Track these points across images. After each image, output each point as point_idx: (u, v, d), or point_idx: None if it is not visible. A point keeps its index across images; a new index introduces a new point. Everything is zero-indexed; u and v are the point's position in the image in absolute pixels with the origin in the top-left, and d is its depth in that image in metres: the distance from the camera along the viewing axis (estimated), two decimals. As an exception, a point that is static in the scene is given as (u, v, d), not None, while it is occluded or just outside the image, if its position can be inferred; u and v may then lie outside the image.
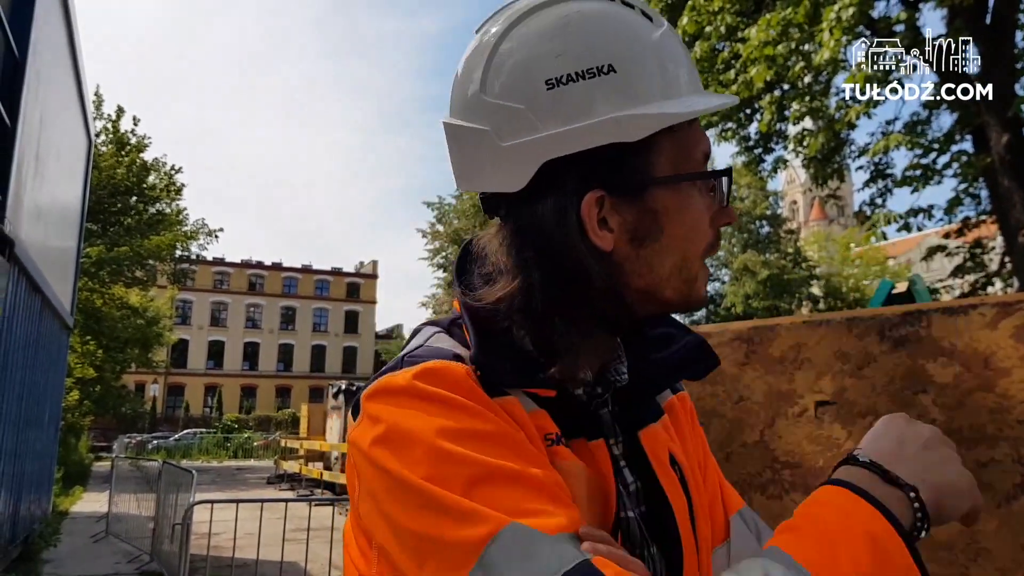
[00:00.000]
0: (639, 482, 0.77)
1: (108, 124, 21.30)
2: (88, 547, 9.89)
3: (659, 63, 0.73)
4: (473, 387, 0.68)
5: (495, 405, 0.68)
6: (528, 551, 0.57)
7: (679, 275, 0.74)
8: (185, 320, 55.15)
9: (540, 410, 0.72)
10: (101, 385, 22.94)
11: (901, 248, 50.11)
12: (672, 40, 0.75)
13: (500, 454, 0.63)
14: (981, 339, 1.71)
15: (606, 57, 0.71)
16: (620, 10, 0.74)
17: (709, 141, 0.77)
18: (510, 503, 0.60)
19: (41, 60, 6.87)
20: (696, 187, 0.74)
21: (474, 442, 0.63)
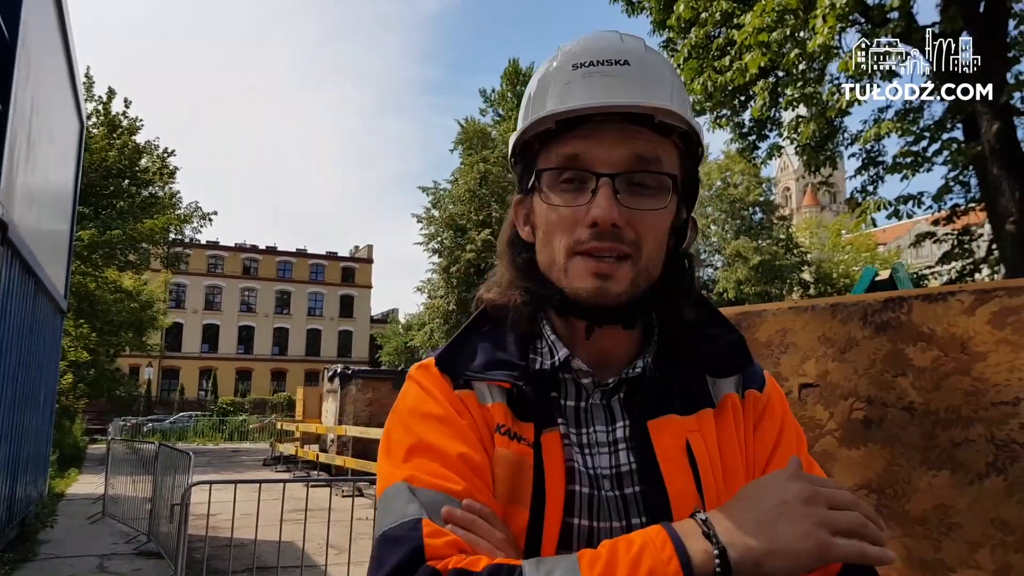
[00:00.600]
0: (636, 464, 0.85)
1: (99, 106, 21.14)
2: (85, 528, 9.94)
3: (533, 97, 0.91)
4: (440, 380, 0.90)
5: (453, 396, 0.88)
6: (392, 504, 0.80)
7: (553, 267, 0.88)
8: (179, 304, 55.05)
9: (498, 403, 0.88)
10: (95, 368, 22.91)
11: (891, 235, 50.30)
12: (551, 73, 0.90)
13: (434, 430, 0.84)
14: (959, 324, 1.77)
15: (531, 86, 0.93)
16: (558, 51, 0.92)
17: (575, 144, 0.86)
18: (416, 467, 0.82)
19: (32, 42, 6.84)
20: (555, 189, 0.87)
21: (422, 420, 0.86)
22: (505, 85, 45.89)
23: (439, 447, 0.82)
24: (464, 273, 33.35)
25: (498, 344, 0.92)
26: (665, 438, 0.85)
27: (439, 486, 0.80)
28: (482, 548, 0.75)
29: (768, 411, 0.93)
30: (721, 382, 0.92)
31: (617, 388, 0.90)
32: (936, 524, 1.68)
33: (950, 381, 1.76)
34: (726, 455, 0.87)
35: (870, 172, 11.84)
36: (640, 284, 0.86)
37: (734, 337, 0.93)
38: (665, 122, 0.86)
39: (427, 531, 0.75)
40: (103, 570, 7.54)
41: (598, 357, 0.91)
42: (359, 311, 62.52)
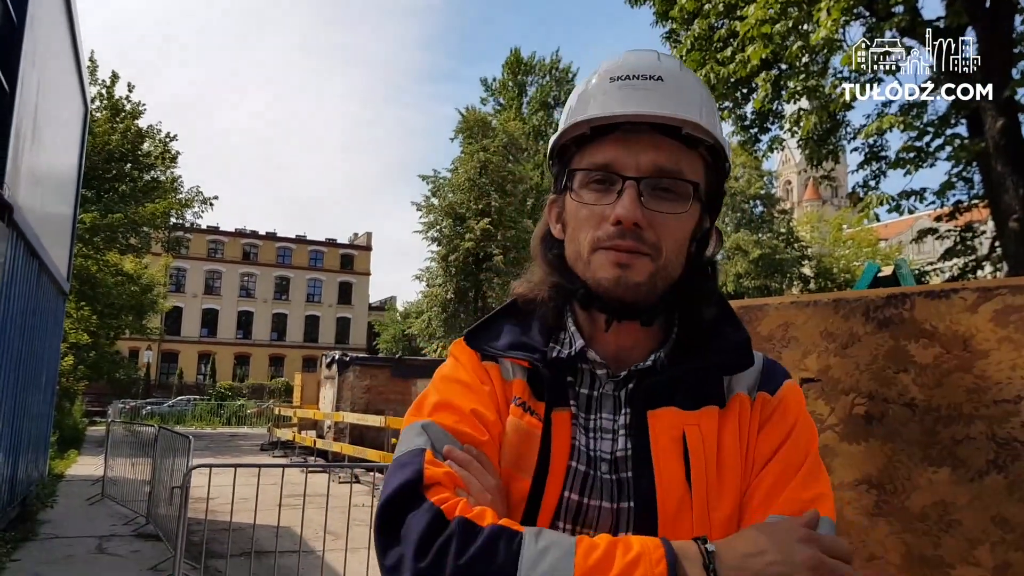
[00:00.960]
0: (632, 450, 0.91)
1: (103, 90, 21.09)
2: (84, 509, 9.99)
3: (573, 107, 0.98)
4: (470, 353, 1.02)
5: (479, 366, 0.99)
6: (405, 437, 0.92)
7: (579, 260, 0.95)
8: (179, 288, 55.09)
9: (519, 380, 0.97)
10: (95, 351, 22.97)
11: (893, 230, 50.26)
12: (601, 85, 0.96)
13: (457, 392, 0.96)
14: (962, 322, 1.79)
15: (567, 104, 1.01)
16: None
17: (610, 152, 0.93)
18: (436, 416, 0.92)
19: (39, 26, 6.82)
20: (586, 189, 0.94)
21: (450, 383, 0.98)
22: (507, 74, 45.80)
23: (457, 404, 0.94)
24: (463, 262, 33.34)
25: (523, 330, 1.01)
26: (662, 428, 0.90)
27: (449, 427, 0.90)
28: (473, 486, 0.85)
29: (777, 415, 0.94)
30: (735, 382, 0.96)
31: (628, 380, 0.95)
32: (936, 520, 1.70)
33: (952, 378, 1.78)
34: (724, 452, 0.91)
35: (873, 167, 11.83)
36: (658, 282, 0.92)
37: (740, 337, 0.97)
38: (692, 135, 0.92)
39: (427, 459, 0.86)
40: (102, 551, 7.59)
41: (615, 351, 0.97)
42: (357, 298, 62.57)
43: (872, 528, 1.78)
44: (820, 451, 1.96)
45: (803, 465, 0.91)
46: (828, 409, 1.94)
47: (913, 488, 1.75)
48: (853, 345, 1.93)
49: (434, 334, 34.51)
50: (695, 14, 11.86)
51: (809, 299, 2.02)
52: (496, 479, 0.88)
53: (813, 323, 1.99)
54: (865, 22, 10.41)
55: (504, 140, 34.65)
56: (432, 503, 0.80)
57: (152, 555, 7.30)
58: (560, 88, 45.16)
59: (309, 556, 6.50)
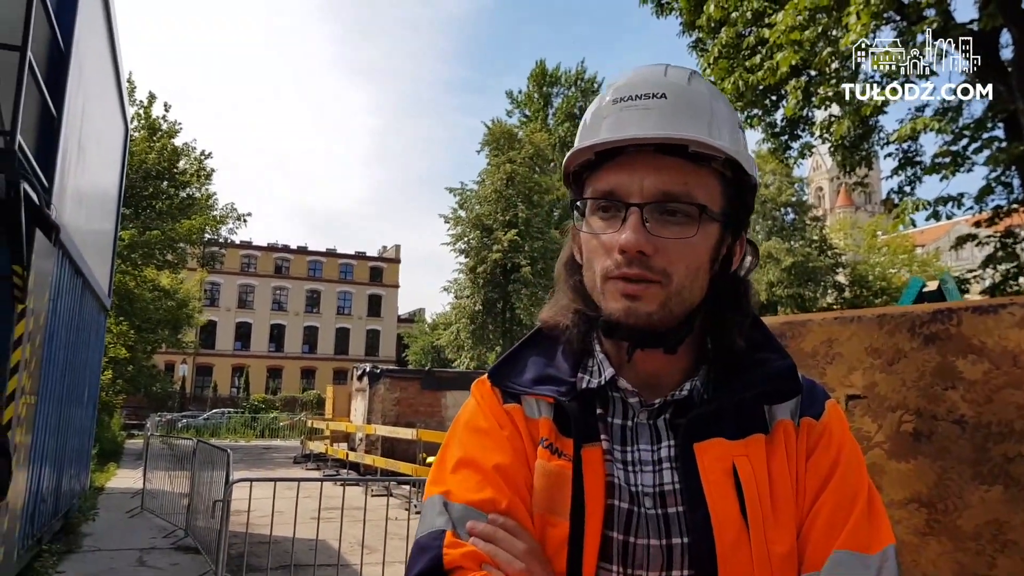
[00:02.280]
0: (681, 484, 0.87)
1: (140, 110, 21.61)
2: (124, 522, 10.17)
3: (581, 132, 0.95)
4: (490, 395, 0.98)
5: (500, 410, 0.96)
6: (427, 514, 0.89)
7: (595, 289, 0.92)
8: (214, 302, 55.97)
9: (545, 419, 0.93)
10: (133, 365, 23.40)
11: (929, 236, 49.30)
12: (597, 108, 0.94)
13: (477, 444, 0.92)
14: (1011, 337, 1.76)
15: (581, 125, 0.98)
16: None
17: (615, 179, 0.89)
18: (454, 481, 0.90)
19: (84, 51, 7.03)
20: (594, 217, 0.92)
21: (470, 433, 0.94)
22: (532, 86, 45.98)
23: (478, 461, 0.90)
24: (490, 273, 33.43)
25: (548, 361, 0.98)
26: (710, 460, 0.87)
27: (471, 500, 0.87)
28: (500, 559, 0.82)
29: (824, 440, 0.91)
30: (777, 409, 0.92)
31: (663, 409, 0.91)
32: (990, 540, 1.67)
33: (1002, 395, 1.75)
34: (775, 482, 0.87)
35: (907, 172, 11.62)
36: (672, 308, 0.88)
37: (784, 364, 0.93)
38: (700, 152, 0.88)
39: (447, 542, 0.84)
40: (143, 564, 7.72)
41: (645, 379, 0.93)
42: (387, 310, 63.02)
43: (923, 547, 1.76)
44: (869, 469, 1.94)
45: (859, 492, 0.87)
46: (875, 426, 1.92)
47: (965, 507, 1.73)
48: (899, 361, 1.91)
49: (463, 346, 34.59)
50: (722, 23, 11.81)
51: (853, 315, 2.01)
52: (527, 542, 0.85)
53: (858, 339, 1.98)
54: (896, 26, 10.29)
55: (530, 151, 34.76)
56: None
57: (191, 568, 7.40)
58: (586, 99, 45.16)
59: (345, 570, 6.55)
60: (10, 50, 4.81)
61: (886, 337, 1.95)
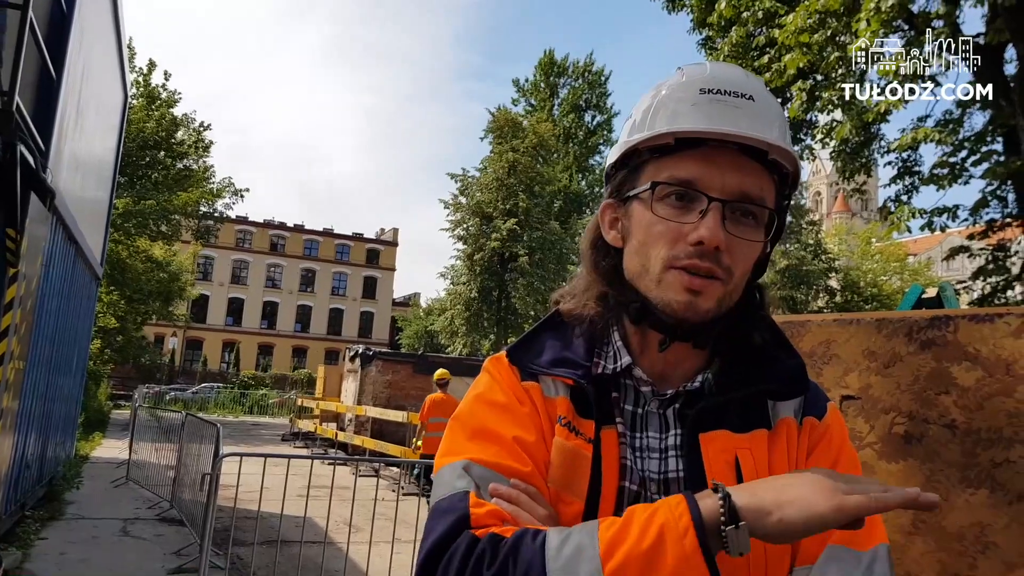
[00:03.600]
0: (685, 472, 0.89)
1: (139, 78, 21.43)
2: (109, 491, 10.17)
3: (652, 109, 0.94)
4: (508, 372, 0.98)
5: (519, 387, 0.95)
6: (445, 479, 0.87)
7: (646, 274, 0.91)
8: (206, 276, 55.79)
9: (562, 398, 0.94)
10: (123, 335, 23.33)
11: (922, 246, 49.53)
12: (679, 91, 0.94)
13: (495, 417, 0.92)
14: (1005, 346, 1.78)
15: (633, 113, 0.99)
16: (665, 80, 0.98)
17: (696, 170, 0.89)
18: (473, 450, 0.88)
19: (86, 12, 6.97)
20: (663, 203, 0.90)
21: (488, 407, 0.94)
22: (539, 75, 45.78)
23: (497, 431, 0.90)
24: (488, 261, 33.40)
25: (565, 344, 0.98)
26: (715, 451, 0.89)
27: (491, 463, 0.87)
28: (523, 520, 0.82)
29: (825, 441, 0.94)
30: (781, 406, 0.94)
31: (674, 399, 0.93)
32: (973, 542, 1.70)
33: (993, 402, 1.78)
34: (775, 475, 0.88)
35: (905, 181, 11.69)
36: (723, 306, 0.90)
37: (795, 363, 0.95)
38: (776, 160, 0.90)
39: (473, 502, 0.82)
40: (126, 533, 7.73)
41: (662, 369, 0.95)
42: (381, 293, 62.96)
43: (908, 546, 1.79)
44: (858, 469, 1.96)
45: None
46: (867, 427, 1.94)
47: (951, 508, 1.76)
48: (895, 365, 1.93)
49: (457, 332, 34.59)
50: (732, 22, 11.81)
51: (852, 317, 2.03)
52: (547, 510, 0.86)
53: (855, 341, 2.00)
54: (904, 35, 10.30)
55: (534, 141, 34.65)
56: (468, 532, 0.79)
57: (176, 539, 7.42)
58: (592, 91, 45.06)
59: (332, 548, 6.57)
60: (12, 8, 4.76)
61: (883, 341, 1.97)
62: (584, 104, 45.02)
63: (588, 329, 0.98)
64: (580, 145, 44.04)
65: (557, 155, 40.07)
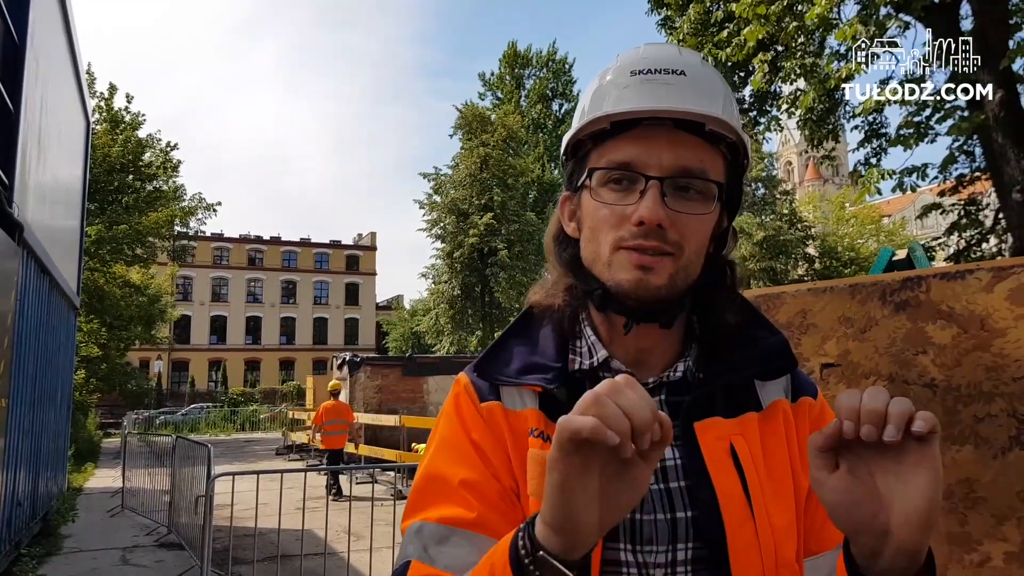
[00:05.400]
0: (681, 460, 0.88)
1: (101, 102, 21.11)
2: (105, 521, 10.07)
3: (598, 93, 0.93)
4: (464, 395, 0.95)
5: (473, 412, 0.92)
6: (404, 542, 0.86)
7: (598, 260, 0.90)
8: (187, 296, 55.21)
9: (530, 409, 0.91)
10: (107, 363, 23.05)
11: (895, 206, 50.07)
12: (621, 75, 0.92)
13: (444, 458, 0.90)
14: (978, 302, 1.80)
15: (580, 102, 0.98)
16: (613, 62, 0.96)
17: (632, 151, 0.88)
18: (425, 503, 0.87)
19: (39, 43, 6.84)
20: (605, 188, 0.90)
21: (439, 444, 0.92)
22: (504, 68, 45.68)
23: (444, 475, 0.88)
24: (468, 257, 33.36)
25: (534, 347, 0.95)
26: (710, 439, 0.87)
27: (438, 519, 0.85)
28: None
29: (822, 418, 0.94)
30: (770, 387, 0.93)
31: (657, 389, 0.92)
32: (961, 498, 1.72)
33: (970, 358, 1.79)
34: (771, 459, 0.89)
35: (873, 144, 11.80)
36: (678, 282, 0.88)
37: (778, 339, 0.94)
38: (715, 131, 0.88)
39: (412, 571, 0.82)
40: (126, 562, 7.66)
41: (636, 356, 0.93)
42: (364, 298, 62.66)
43: (898, 509, 1.80)
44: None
45: None
46: (849, 393, 1.96)
47: (937, 467, 1.77)
48: (871, 329, 1.94)
49: (442, 331, 34.55)
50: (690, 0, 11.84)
51: (825, 285, 2.04)
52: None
53: (831, 309, 2.01)
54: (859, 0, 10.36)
55: (503, 134, 34.58)
56: None
57: (176, 564, 7.36)
58: (558, 80, 45.03)
59: (333, 558, 6.55)
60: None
61: (858, 306, 1.99)
62: (551, 93, 44.98)
63: (558, 322, 0.96)
64: (550, 134, 44.03)
65: (528, 146, 40.05)
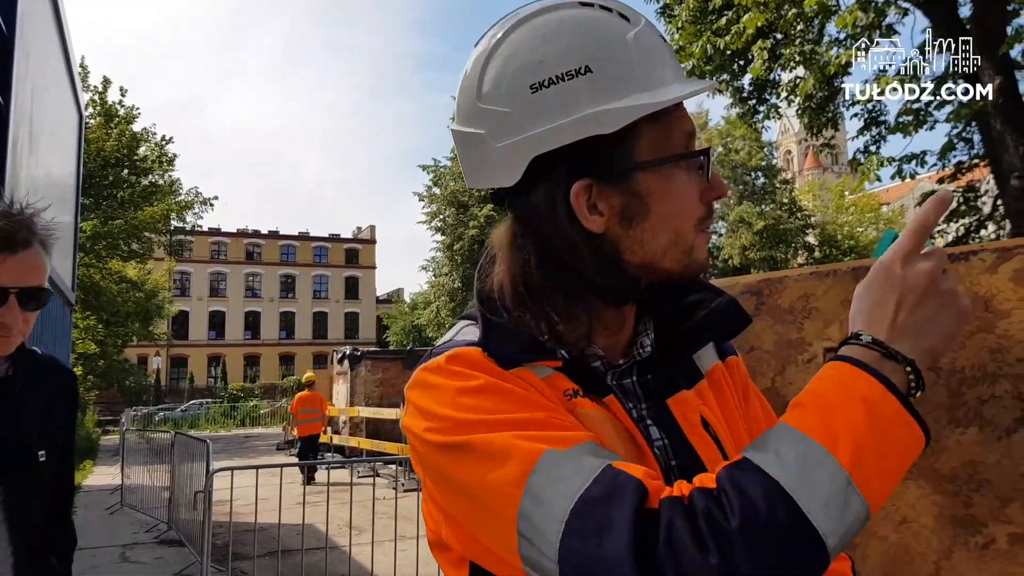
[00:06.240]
0: (666, 440, 0.84)
1: (95, 96, 21.03)
2: (104, 519, 10.06)
3: (634, 58, 0.79)
4: (488, 364, 0.78)
5: (509, 375, 0.77)
6: (558, 473, 0.66)
7: (675, 247, 0.81)
8: (184, 292, 55.20)
9: (555, 373, 0.81)
10: (104, 360, 23.05)
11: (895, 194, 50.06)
12: (648, 35, 0.81)
13: (512, 407, 0.73)
14: (982, 283, 1.78)
15: (582, 59, 0.78)
16: (597, 15, 0.81)
17: (691, 121, 0.83)
18: (535, 438, 0.69)
19: (29, 35, 6.78)
20: (680, 167, 0.81)
21: (490, 397, 0.74)
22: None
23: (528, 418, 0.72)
24: (468, 249, 33.32)
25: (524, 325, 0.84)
26: (685, 414, 0.85)
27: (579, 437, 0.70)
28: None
29: (745, 376, 0.96)
30: (704, 354, 0.92)
31: (628, 371, 0.87)
32: (966, 481, 1.70)
33: (975, 339, 1.77)
34: (731, 423, 0.89)
35: (872, 132, 11.78)
36: None
37: (726, 299, 0.89)
38: None
39: (627, 469, 0.66)
40: (126, 559, 7.64)
41: (605, 340, 0.87)
42: (364, 292, 62.69)
43: (903, 491, 1.78)
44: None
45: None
46: (852, 377, 1.94)
47: (942, 450, 1.75)
48: (874, 312, 1.92)
49: (443, 324, 34.58)
50: (689, -14, 11.77)
51: (828, 269, 2.02)
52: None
53: (834, 293, 1.98)
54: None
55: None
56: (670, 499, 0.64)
57: (176, 560, 7.36)
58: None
59: (335, 552, 6.54)
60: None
61: (860, 289, 1.96)
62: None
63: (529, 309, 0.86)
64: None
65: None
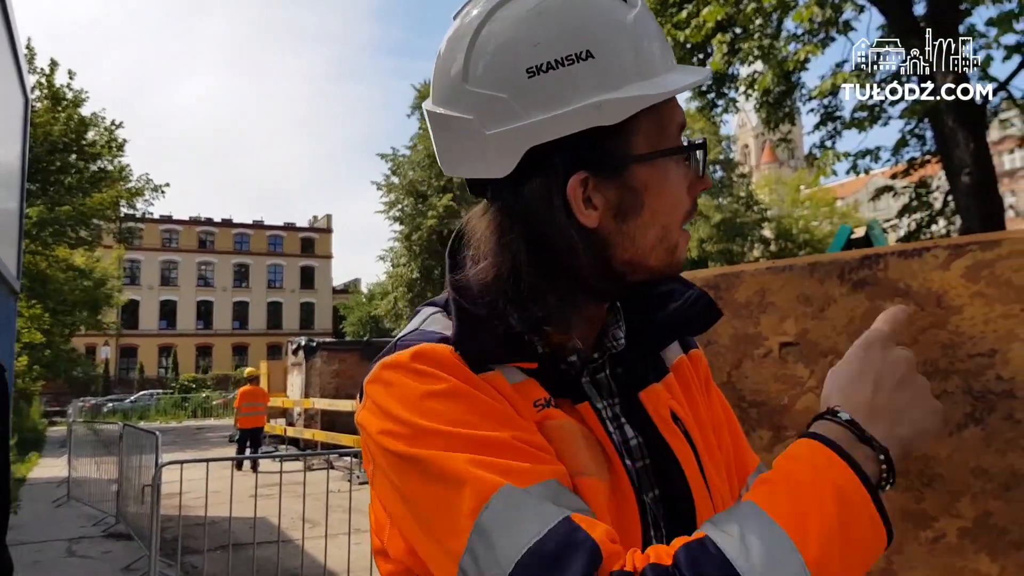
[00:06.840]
0: (640, 437, 0.81)
1: (42, 79, 20.27)
2: (51, 512, 9.81)
3: (634, 44, 0.75)
4: (457, 364, 0.71)
5: (479, 380, 0.71)
6: (512, 516, 0.61)
7: (661, 245, 0.77)
8: (134, 280, 53.84)
9: (527, 379, 0.75)
10: (51, 349, 22.41)
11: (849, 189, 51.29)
12: (646, 19, 0.77)
13: (476, 420, 0.67)
14: (934, 279, 1.79)
15: (583, 43, 0.72)
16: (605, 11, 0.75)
17: (683, 112, 0.79)
18: (494, 467, 0.64)
19: (-34, 11, 6.48)
20: (672, 160, 0.77)
21: (454, 406, 0.68)
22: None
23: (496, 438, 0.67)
24: (426, 240, 33.13)
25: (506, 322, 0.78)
26: (656, 407, 0.83)
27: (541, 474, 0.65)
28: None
29: (707, 370, 0.96)
30: (669, 347, 0.91)
31: (601, 366, 0.84)
32: (918, 475, 1.72)
33: (927, 335, 1.79)
34: (697, 417, 0.88)
35: (828, 127, 12.00)
36: None
37: (696, 292, 0.87)
38: None
39: (586, 526, 0.61)
40: (72, 553, 7.46)
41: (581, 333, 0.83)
42: (320, 282, 61.93)
43: (856, 488, 1.80)
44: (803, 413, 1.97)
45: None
46: (808, 372, 1.94)
47: (894, 446, 1.77)
48: (829, 308, 1.93)
49: (401, 315, 34.36)
50: (649, -21, 11.82)
51: (784, 264, 2.02)
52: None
53: (790, 288, 1.99)
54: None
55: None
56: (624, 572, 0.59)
57: (124, 555, 7.19)
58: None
59: (287, 545, 6.45)
60: None
61: (817, 284, 1.97)
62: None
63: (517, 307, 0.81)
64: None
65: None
